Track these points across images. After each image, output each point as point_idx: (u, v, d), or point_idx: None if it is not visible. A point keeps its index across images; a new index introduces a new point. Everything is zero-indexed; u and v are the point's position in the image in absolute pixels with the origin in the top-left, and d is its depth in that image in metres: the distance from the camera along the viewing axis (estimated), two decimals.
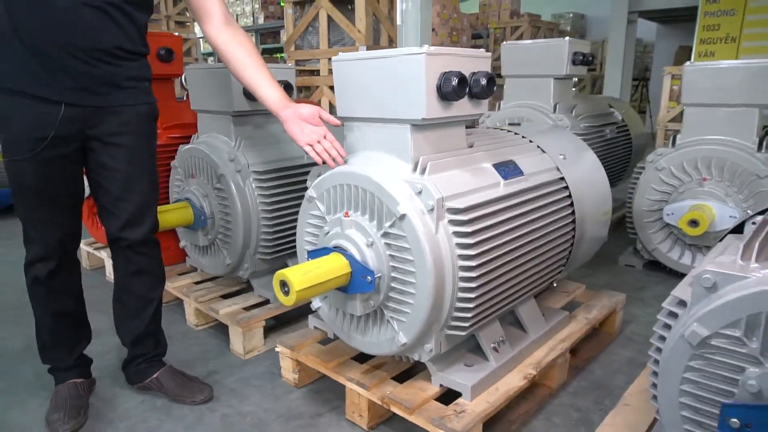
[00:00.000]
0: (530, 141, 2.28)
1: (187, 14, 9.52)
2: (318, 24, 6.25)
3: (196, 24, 11.62)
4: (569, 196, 2.19)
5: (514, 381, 1.91)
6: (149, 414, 2.04)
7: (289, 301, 1.65)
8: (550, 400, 2.10)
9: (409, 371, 2.02)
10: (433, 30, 8.60)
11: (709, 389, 1.16)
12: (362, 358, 2.07)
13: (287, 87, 2.62)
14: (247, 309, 2.58)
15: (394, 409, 1.81)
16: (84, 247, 3.62)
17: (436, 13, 8.59)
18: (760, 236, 1.27)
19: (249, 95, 2.50)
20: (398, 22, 5.46)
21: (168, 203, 2.77)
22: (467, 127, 2.06)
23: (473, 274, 1.67)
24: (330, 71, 5.84)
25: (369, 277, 1.73)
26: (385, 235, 1.73)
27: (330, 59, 6.00)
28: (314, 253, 1.85)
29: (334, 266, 1.73)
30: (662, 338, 1.27)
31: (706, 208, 2.97)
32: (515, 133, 2.33)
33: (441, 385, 1.87)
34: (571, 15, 14.30)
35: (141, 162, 1.90)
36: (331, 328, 2.05)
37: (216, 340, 2.62)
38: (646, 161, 3.29)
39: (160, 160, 2.87)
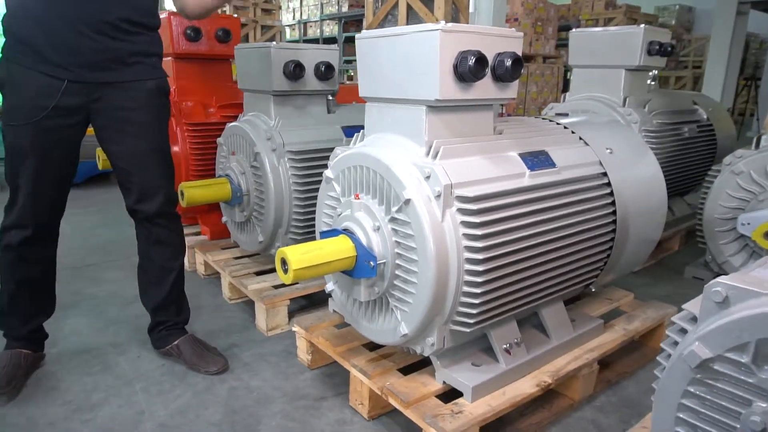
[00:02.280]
0: (572, 132, 2.10)
1: (273, 2, 9.81)
2: (397, 12, 6.22)
3: (281, 12, 11.98)
4: (611, 193, 2.00)
5: (524, 387, 1.77)
6: (165, 378, 2.11)
7: (287, 279, 1.63)
8: (569, 413, 1.94)
9: (417, 365, 1.94)
10: (516, 20, 8.30)
11: (707, 420, 0.99)
12: (373, 346, 2.02)
13: (328, 67, 2.61)
14: (276, 287, 2.61)
15: (392, 401, 1.74)
16: None
17: (521, 3, 8.25)
18: None
19: (290, 75, 2.51)
20: (470, 9, 5.28)
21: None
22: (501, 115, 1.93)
23: (479, 268, 1.56)
24: None
25: (372, 263, 1.67)
26: (392, 220, 1.66)
27: None
28: (325, 234, 1.82)
29: (338, 248, 1.69)
30: (669, 356, 1.11)
31: None
32: (558, 123, 2.16)
33: (444, 383, 1.78)
34: (677, 7, 13.26)
35: (150, 137, 1.93)
36: (342, 312, 2.02)
37: (245, 315, 2.67)
38: (723, 164, 2.95)
39: (213, 137, 2.98)
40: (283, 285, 2.62)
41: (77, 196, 5.06)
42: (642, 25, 3.27)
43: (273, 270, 2.82)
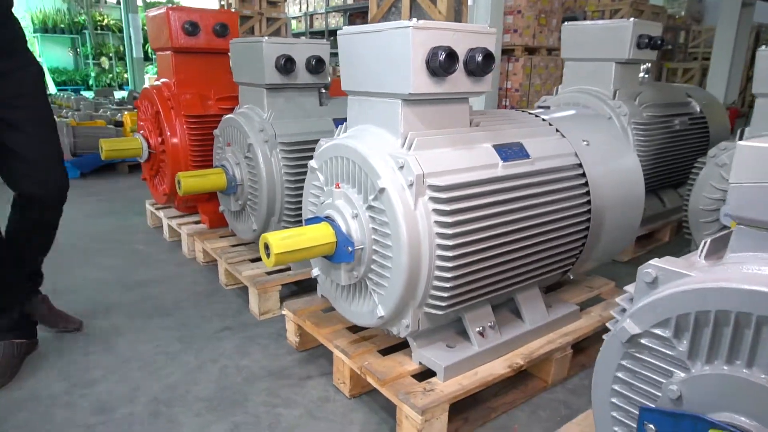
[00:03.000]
0: (550, 125, 2.17)
1: None
2: (401, 4, 6.27)
3: (287, 4, 12.04)
4: (586, 184, 2.08)
5: (496, 368, 1.87)
6: (159, 357, 2.23)
7: (269, 263, 1.73)
8: (542, 394, 2.03)
9: (397, 347, 2.03)
10: (519, 12, 8.30)
11: (636, 391, 1.08)
12: (356, 329, 2.12)
13: (319, 61, 2.69)
14: (269, 273, 2.71)
15: (369, 379, 1.84)
16: (147, 207, 3.96)
17: None
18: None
19: (282, 69, 2.60)
20: (469, 2, 5.33)
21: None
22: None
23: (449, 254, 1.65)
24: None
25: (350, 248, 1.76)
26: (369, 208, 1.75)
27: None
28: (309, 221, 1.92)
29: (318, 234, 1.78)
30: None
31: None
32: (536, 116, 2.23)
33: (420, 363, 1.87)
34: None
35: (29, 122, 1.98)
36: (327, 297, 2.11)
37: (240, 300, 2.78)
38: (708, 156, 3.00)
39: (211, 129, 3.08)
40: (276, 271, 2.72)
41: (84, 185, 5.22)
42: (631, 19, 3.32)
43: None
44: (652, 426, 0.98)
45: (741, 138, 2.90)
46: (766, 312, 0.87)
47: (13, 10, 1.99)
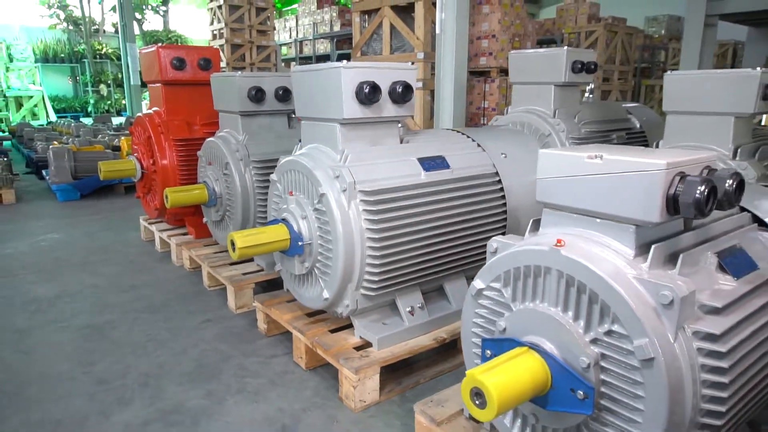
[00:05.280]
0: (473, 140, 2.61)
1: (268, 23, 10.44)
2: (382, 31, 6.78)
3: (278, 32, 12.61)
4: (502, 189, 2.50)
5: (423, 341, 2.27)
6: (150, 344, 2.63)
7: (234, 256, 2.15)
8: None
9: (348, 327, 2.43)
10: (493, 36, 8.83)
11: (484, 328, 1.49)
12: (313, 314, 2.52)
13: (285, 91, 3.14)
14: (244, 274, 3.12)
15: (318, 351, 2.25)
16: (141, 222, 4.39)
17: (497, 20, 8.79)
18: None
19: (253, 98, 3.05)
20: (437, 31, 5.82)
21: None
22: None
23: (376, 245, 2.07)
24: None
25: (299, 243, 2.19)
26: (315, 210, 2.17)
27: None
28: (269, 223, 2.34)
29: (275, 233, 2.21)
30: None
31: None
32: (462, 134, 2.67)
33: (360, 337, 2.28)
34: (666, 17, 13.79)
35: None
36: (288, 286, 2.52)
37: (220, 298, 3.19)
38: None
39: (196, 150, 3.51)
40: (251, 272, 3.13)
41: (85, 205, 5.65)
42: (565, 48, 3.78)
43: (245, 261, 3.35)
44: (488, 351, 1.39)
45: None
46: (544, 263, 1.29)
47: (17, 41, 2.42)
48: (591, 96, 4.63)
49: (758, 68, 2.83)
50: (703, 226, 1.42)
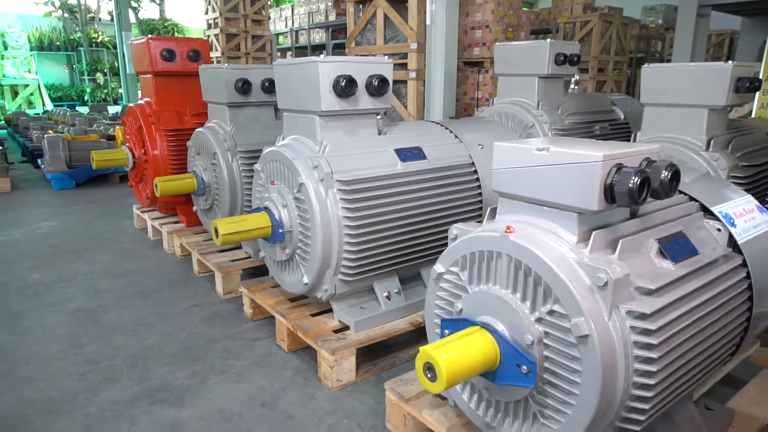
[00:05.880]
0: (450, 132, 2.70)
1: (263, 12, 10.46)
2: (376, 21, 6.82)
3: (271, 21, 12.61)
4: (478, 179, 2.60)
5: (399, 324, 2.38)
6: (139, 327, 2.74)
7: (218, 242, 2.25)
8: None
9: (328, 311, 2.53)
10: (487, 26, 8.87)
11: (444, 309, 1.59)
12: (296, 299, 2.63)
13: (271, 83, 3.22)
14: (232, 261, 3.23)
15: (299, 334, 2.35)
16: (135, 210, 4.48)
17: (491, 10, 8.83)
18: None
19: (240, 90, 3.13)
20: (428, 22, 5.88)
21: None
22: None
23: (352, 232, 2.17)
24: None
25: (280, 230, 2.28)
26: (296, 199, 2.26)
27: (385, 55, 6.68)
28: (253, 211, 2.43)
29: (257, 221, 2.30)
30: None
31: None
32: (441, 125, 2.76)
33: (339, 321, 2.38)
34: (663, 7, 13.79)
35: None
36: (271, 272, 2.62)
37: (208, 284, 3.29)
38: None
39: (186, 140, 3.60)
40: (239, 259, 3.23)
41: (79, 194, 5.74)
42: (548, 40, 3.85)
43: (234, 248, 3.44)
44: (446, 331, 1.49)
45: (634, 141, 3.43)
46: (495, 248, 1.39)
47: (12, 29, 2.49)
48: (576, 87, 4.70)
49: (730, 62, 2.92)
50: (648, 214, 1.51)
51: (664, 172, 1.31)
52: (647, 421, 1.31)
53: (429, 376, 1.28)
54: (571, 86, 4.48)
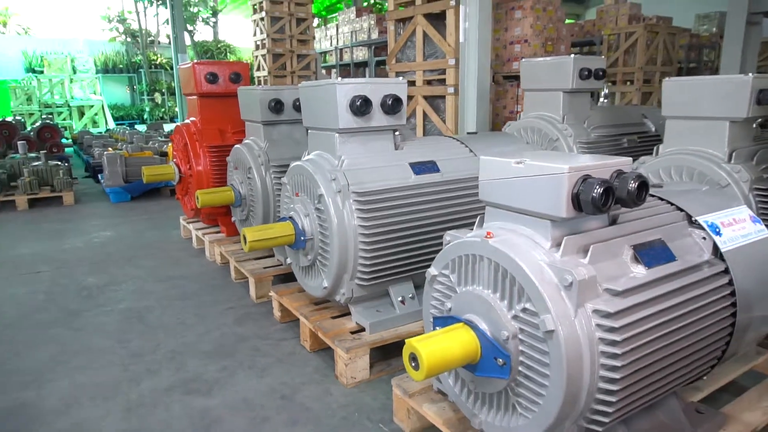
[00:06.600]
0: (465, 146, 2.84)
1: (308, 33, 10.90)
2: (415, 38, 7.06)
3: (317, 41, 13.07)
4: None
5: (412, 327, 2.52)
6: (179, 328, 3.00)
7: (246, 248, 2.48)
8: None
9: (349, 314, 2.71)
10: (526, 41, 8.95)
11: (437, 308, 1.73)
12: (320, 303, 2.82)
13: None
14: (265, 268, 3.46)
15: (319, 334, 2.54)
16: (181, 221, 4.83)
17: (530, 25, 8.90)
18: None
19: (273, 109, 3.39)
20: (461, 39, 6.04)
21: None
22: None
23: (367, 240, 2.35)
24: (425, 82, 6.64)
25: (303, 238, 2.49)
26: (316, 209, 2.47)
27: (424, 71, 6.83)
28: (279, 220, 2.66)
29: (281, 229, 2.52)
30: None
31: None
32: (457, 140, 2.91)
33: (357, 323, 2.56)
34: (717, 15, 13.41)
35: None
36: (296, 277, 2.83)
37: (243, 290, 3.54)
38: None
39: (227, 156, 3.89)
40: (271, 266, 3.47)
41: (134, 206, 6.19)
42: (572, 55, 3.94)
43: (268, 256, 3.69)
44: (437, 327, 1.63)
45: (657, 154, 3.46)
46: (478, 252, 1.52)
47: (80, 54, 2.83)
48: (606, 101, 4.73)
49: (750, 74, 2.94)
50: (628, 222, 1.62)
51: (631, 182, 1.42)
52: (616, 415, 1.41)
53: (413, 365, 1.43)
54: (601, 99, 4.52)
